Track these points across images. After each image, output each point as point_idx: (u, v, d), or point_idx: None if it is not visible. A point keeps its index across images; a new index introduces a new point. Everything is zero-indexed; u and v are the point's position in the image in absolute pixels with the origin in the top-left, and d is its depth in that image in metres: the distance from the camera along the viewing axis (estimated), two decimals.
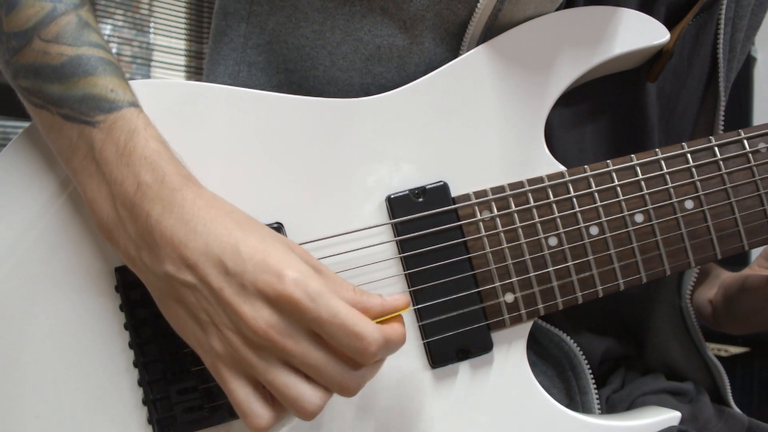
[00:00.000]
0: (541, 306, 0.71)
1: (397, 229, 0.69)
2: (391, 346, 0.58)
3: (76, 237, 0.66)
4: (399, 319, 0.60)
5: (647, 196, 0.72)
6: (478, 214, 0.70)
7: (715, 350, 1.86)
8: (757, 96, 2.39)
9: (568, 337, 0.78)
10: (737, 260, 0.82)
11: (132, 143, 0.60)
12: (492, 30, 0.72)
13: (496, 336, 0.71)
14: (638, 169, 0.72)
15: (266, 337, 0.55)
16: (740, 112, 2.28)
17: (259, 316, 0.55)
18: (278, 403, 0.58)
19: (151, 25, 2.75)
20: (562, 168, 0.72)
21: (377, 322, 0.57)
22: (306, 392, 0.57)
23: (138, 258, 0.59)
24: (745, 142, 0.73)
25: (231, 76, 0.79)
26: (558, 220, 0.71)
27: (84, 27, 0.63)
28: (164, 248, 0.57)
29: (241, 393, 0.58)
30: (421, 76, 0.72)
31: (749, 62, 2.35)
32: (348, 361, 0.57)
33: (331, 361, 0.56)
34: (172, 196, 0.58)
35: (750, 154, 0.73)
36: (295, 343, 0.56)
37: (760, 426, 0.85)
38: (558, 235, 0.71)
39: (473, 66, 0.72)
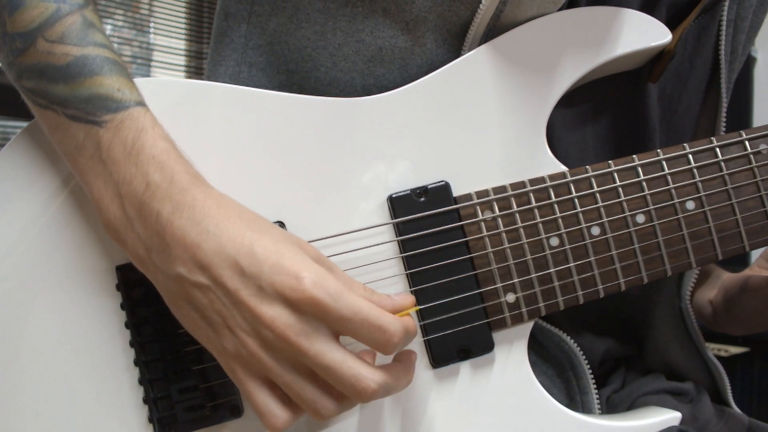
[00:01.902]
0: (542, 306, 0.71)
1: (399, 229, 0.69)
2: (409, 335, 0.59)
3: (77, 235, 0.66)
4: (406, 313, 0.61)
5: (649, 197, 0.72)
6: (480, 214, 0.70)
7: (715, 350, 1.87)
8: (757, 96, 2.40)
9: (569, 337, 0.78)
10: (737, 261, 0.82)
11: (140, 142, 0.60)
12: (494, 31, 0.72)
13: (497, 336, 0.71)
14: (640, 169, 0.72)
15: (284, 337, 0.55)
16: (740, 113, 2.29)
17: (277, 316, 0.56)
18: (295, 404, 0.59)
19: (151, 25, 2.75)
20: (563, 168, 0.72)
21: None
22: (321, 394, 0.58)
23: (147, 258, 0.59)
24: (747, 143, 0.73)
25: (232, 76, 0.79)
26: (559, 220, 0.71)
27: (89, 27, 0.62)
28: (175, 249, 0.57)
29: (259, 394, 0.58)
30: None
31: (749, 62, 2.35)
32: (362, 363, 0.57)
33: (346, 362, 0.57)
34: (182, 196, 0.58)
35: (751, 155, 0.73)
36: (311, 344, 0.56)
37: (760, 426, 0.85)
38: (559, 236, 0.71)
39: (475, 66, 0.72)
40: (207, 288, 0.57)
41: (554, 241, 0.71)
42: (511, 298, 0.70)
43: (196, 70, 2.81)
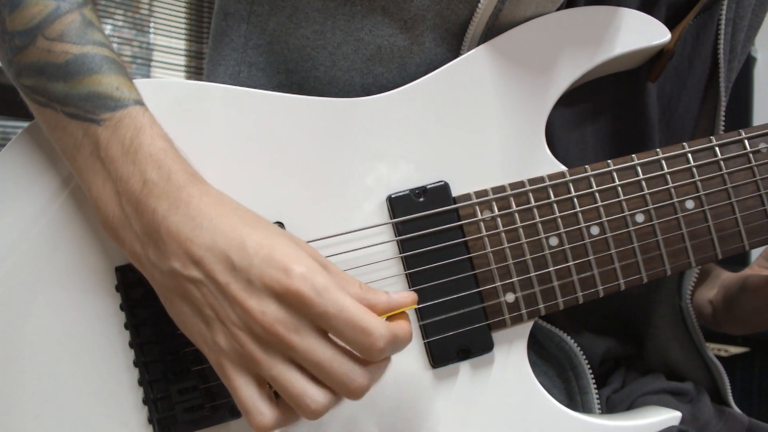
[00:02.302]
0: (541, 306, 0.71)
1: (398, 229, 0.69)
2: (399, 342, 0.58)
3: (77, 236, 0.66)
4: (404, 316, 0.59)
5: (648, 196, 0.72)
6: (479, 213, 0.70)
7: (715, 350, 1.87)
8: (757, 96, 2.39)
9: (569, 337, 0.78)
10: (737, 260, 0.82)
11: (138, 141, 0.60)
12: (493, 30, 0.72)
13: (496, 336, 0.71)
14: (639, 169, 0.72)
15: (272, 331, 0.55)
16: (740, 112, 2.28)
17: (266, 310, 0.55)
18: (283, 405, 0.58)
19: (151, 25, 2.75)
20: (563, 168, 0.72)
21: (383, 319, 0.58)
22: (310, 389, 0.57)
23: (144, 255, 0.60)
24: (746, 142, 0.73)
25: (231, 76, 0.79)
26: (559, 219, 0.71)
27: (88, 25, 0.63)
28: (170, 245, 0.57)
29: (245, 390, 0.57)
30: (422, 77, 0.72)
31: (749, 62, 2.35)
32: (354, 360, 0.57)
33: (336, 359, 0.56)
34: (179, 193, 0.58)
35: (751, 154, 0.73)
36: (301, 339, 0.56)
37: (760, 426, 0.85)
38: (559, 235, 0.71)
39: (474, 65, 0.72)
40: (200, 282, 0.57)
41: (553, 241, 0.71)
42: (510, 298, 0.70)
43: (196, 70, 2.81)
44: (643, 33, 0.74)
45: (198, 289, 0.57)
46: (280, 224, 0.68)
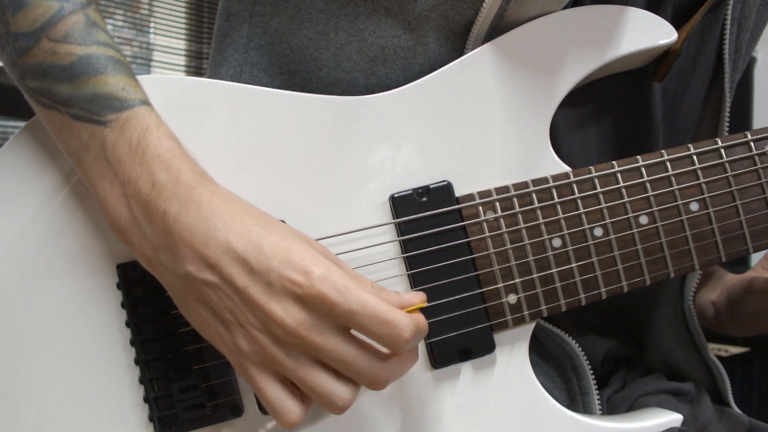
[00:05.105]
0: (544, 307, 0.70)
1: (401, 229, 0.69)
2: (420, 332, 0.59)
3: (78, 233, 0.66)
4: (417, 311, 0.61)
5: (652, 198, 0.72)
6: (482, 214, 0.70)
7: (715, 350, 1.87)
8: (757, 96, 2.39)
9: (570, 338, 0.78)
10: (738, 261, 0.82)
11: (145, 141, 0.60)
12: (497, 29, 0.72)
13: (498, 337, 0.71)
14: (643, 170, 0.72)
15: (296, 333, 0.56)
16: (740, 112, 2.28)
17: (288, 313, 0.56)
18: (307, 397, 0.59)
19: (151, 25, 2.74)
20: (566, 168, 0.72)
21: None
22: (336, 387, 0.58)
23: (155, 258, 0.59)
24: (752, 144, 0.73)
25: (233, 77, 0.79)
26: (562, 221, 0.71)
27: (92, 26, 0.62)
28: (183, 248, 0.57)
29: (272, 391, 0.58)
30: None
31: (749, 62, 2.35)
32: (376, 355, 0.58)
33: (361, 355, 0.57)
34: (189, 195, 0.58)
35: (756, 157, 0.73)
36: (325, 339, 0.56)
37: (761, 426, 0.85)
38: (562, 236, 0.70)
39: (478, 65, 0.71)
40: (216, 286, 0.57)
41: (557, 242, 0.70)
42: (512, 299, 0.70)
43: (196, 70, 2.81)
44: (649, 32, 0.73)
45: (214, 293, 0.57)
46: (283, 222, 0.68)
